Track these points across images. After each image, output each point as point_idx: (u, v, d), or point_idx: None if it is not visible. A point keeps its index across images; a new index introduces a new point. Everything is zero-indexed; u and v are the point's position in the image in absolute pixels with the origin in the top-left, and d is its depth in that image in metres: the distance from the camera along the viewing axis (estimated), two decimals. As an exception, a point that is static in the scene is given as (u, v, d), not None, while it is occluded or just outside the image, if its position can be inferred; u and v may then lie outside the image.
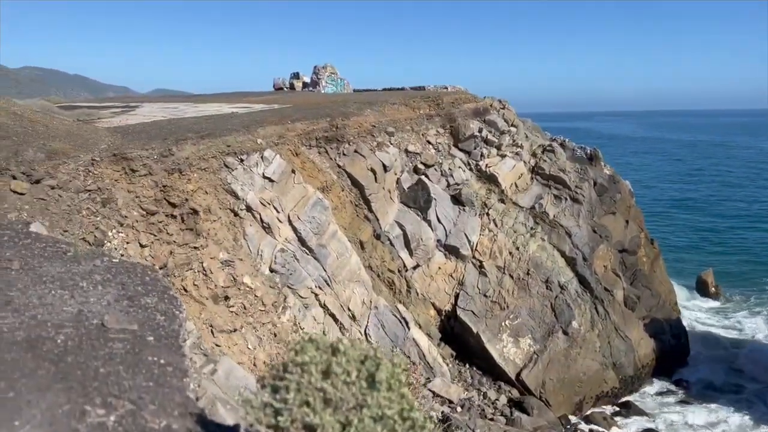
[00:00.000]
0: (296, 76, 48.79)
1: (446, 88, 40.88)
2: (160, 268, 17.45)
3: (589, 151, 34.96)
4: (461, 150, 29.33)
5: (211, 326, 17.92)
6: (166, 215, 18.02)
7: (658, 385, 29.92)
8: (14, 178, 15.03)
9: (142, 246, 17.27)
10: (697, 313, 38.96)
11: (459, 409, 22.62)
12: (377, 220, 24.28)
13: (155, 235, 17.60)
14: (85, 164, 16.58)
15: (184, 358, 3.90)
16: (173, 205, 18.14)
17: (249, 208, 19.90)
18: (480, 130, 29.95)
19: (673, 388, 29.84)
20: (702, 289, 43.70)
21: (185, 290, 17.96)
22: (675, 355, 32.21)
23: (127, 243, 16.90)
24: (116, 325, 4.10)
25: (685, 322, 34.93)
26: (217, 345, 17.76)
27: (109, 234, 16.43)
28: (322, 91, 45.59)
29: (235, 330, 18.30)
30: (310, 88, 46.95)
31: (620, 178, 34.81)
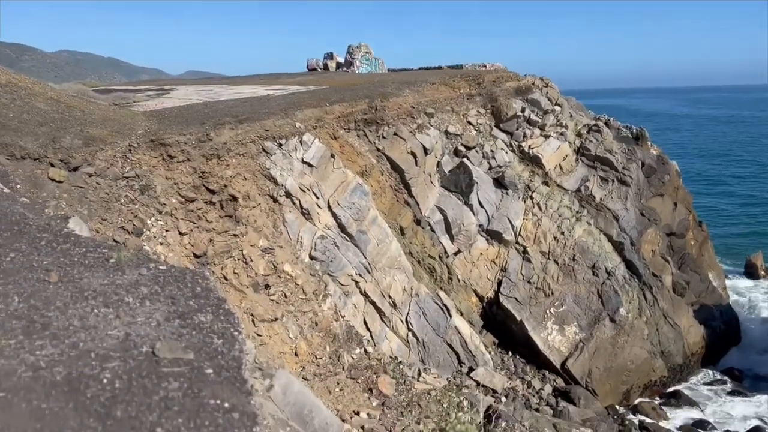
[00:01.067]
0: (330, 56, 48.00)
1: (485, 66, 39.70)
2: (200, 257, 17.09)
3: (635, 131, 33.56)
4: (503, 131, 28.31)
5: (251, 315, 17.52)
6: (205, 202, 17.60)
7: (707, 374, 28.80)
8: (52, 165, 14.72)
9: (181, 234, 16.91)
10: (747, 298, 37.39)
11: (503, 399, 21.98)
12: (417, 205, 23.55)
13: (194, 223, 17.21)
14: (123, 151, 16.20)
15: (251, 397, 3.26)
16: (212, 192, 17.71)
17: (288, 194, 19.37)
18: (523, 110, 28.86)
19: (723, 377, 28.67)
20: (751, 272, 42.03)
21: (225, 279, 17.58)
22: (725, 343, 31.00)
23: (166, 231, 16.54)
24: (169, 354, 3.49)
25: (735, 308, 33.58)
26: (258, 335, 17.36)
27: (148, 222, 16.08)
28: (357, 71, 44.76)
29: (276, 319, 17.88)
30: (345, 69, 46.13)
31: (668, 158, 33.38)
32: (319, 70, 47.51)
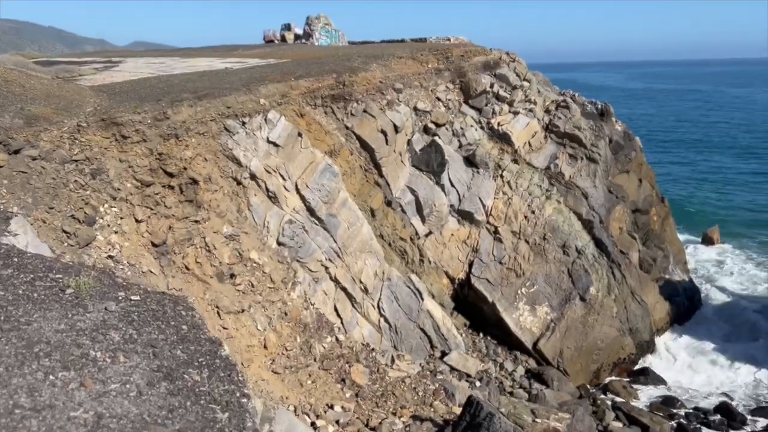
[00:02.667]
0: (287, 27, 46.08)
1: (449, 39, 38.64)
2: (159, 245, 15.80)
3: (600, 106, 33.30)
4: (472, 107, 27.48)
5: (216, 307, 16.40)
6: (163, 186, 16.25)
7: (671, 346, 29.01)
8: (-11, 148, 13.15)
9: (137, 221, 15.57)
10: (704, 270, 38.06)
11: (477, 383, 21.53)
12: (388, 185, 22.60)
13: (152, 209, 15.87)
14: (71, 131, 14.67)
15: None
16: (170, 175, 16.35)
17: (253, 176, 18.14)
18: (491, 86, 28.07)
19: (687, 349, 28.92)
20: (707, 245, 42.88)
21: (187, 268, 16.36)
22: (687, 315, 31.41)
23: (121, 219, 15.18)
24: (161, 448, 2.49)
25: (696, 280, 34.18)
26: (224, 328, 16.27)
27: (101, 209, 14.69)
28: (316, 44, 43.09)
29: (243, 310, 16.80)
30: (303, 41, 44.37)
31: (633, 134, 33.29)
32: (276, 42, 45.60)
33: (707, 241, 42.95)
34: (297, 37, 45.48)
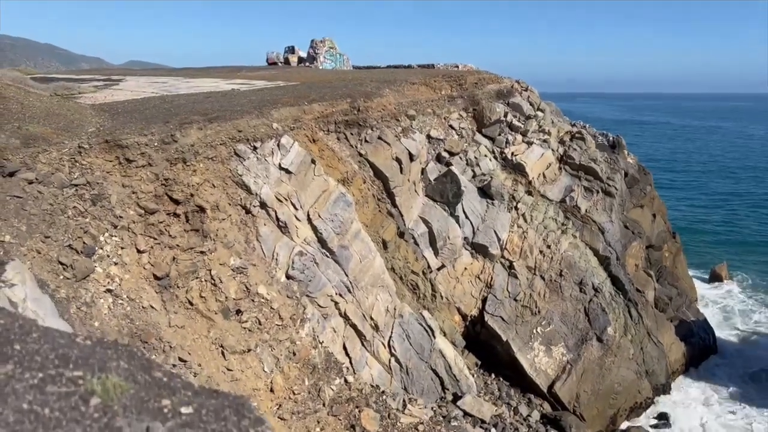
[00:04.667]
0: (291, 50, 45.36)
1: (457, 66, 38.00)
2: (161, 278, 14.55)
3: (612, 139, 32.50)
4: (485, 136, 26.56)
5: (221, 347, 15.11)
6: (168, 214, 15.06)
7: (688, 389, 27.80)
8: (-19, 170, 11.97)
9: (139, 252, 14.35)
10: (716, 309, 36.98)
11: (493, 429, 20.22)
12: (401, 216, 21.49)
13: (155, 239, 14.66)
14: (71, 153, 13.53)
15: None
16: (176, 202, 15.18)
17: (263, 205, 16.98)
18: (505, 115, 27.20)
19: (705, 393, 27.72)
20: (716, 282, 41.87)
21: (191, 303, 15.10)
22: (703, 357, 30.24)
23: (122, 249, 13.96)
24: None
25: (710, 320, 33.08)
26: (228, 369, 14.98)
27: (101, 239, 13.47)
28: (320, 67, 42.34)
29: (249, 350, 15.51)
30: (307, 64, 43.62)
31: (647, 168, 32.51)
32: (279, 64, 44.82)
33: (715, 278, 41.94)
34: (301, 60, 44.75)
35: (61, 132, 14.06)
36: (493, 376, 23.68)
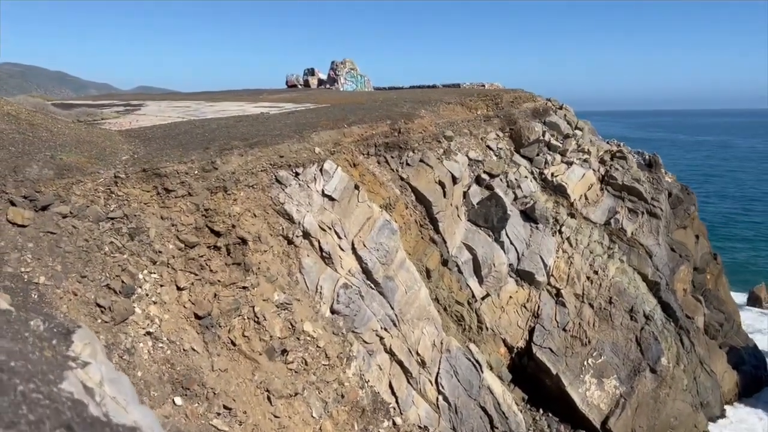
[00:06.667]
0: (311, 72, 44.56)
1: (483, 85, 37.04)
2: (203, 318, 13.35)
3: (648, 157, 31.28)
4: (523, 156, 25.41)
5: (267, 391, 13.84)
6: (209, 247, 13.91)
7: (745, 422, 26.15)
8: (12, 204, 10.89)
9: (179, 289, 13.17)
10: (761, 334, 35.33)
11: (548, 472, 18.76)
12: (444, 242, 20.28)
13: (196, 274, 13.49)
14: (107, 183, 12.44)
15: None
16: (217, 234, 14.04)
17: (306, 234, 15.80)
18: (543, 134, 26.06)
19: (762, 424, 26.08)
20: (755, 304, 40.25)
21: (233, 344, 13.87)
22: (756, 386, 28.64)
23: (161, 286, 12.80)
24: None
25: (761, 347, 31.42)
26: (275, 416, 13.69)
27: (140, 276, 12.31)
28: (341, 89, 41.47)
29: (296, 393, 14.22)
30: (327, 86, 42.77)
31: (690, 188, 31.20)
32: (299, 86, 44.00)
33: (754, 299, 40.36)
34: (321, 81, 43.92)
35: (95, 161, 13.00)
36: (541, 411, 22.26)
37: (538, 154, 25.70)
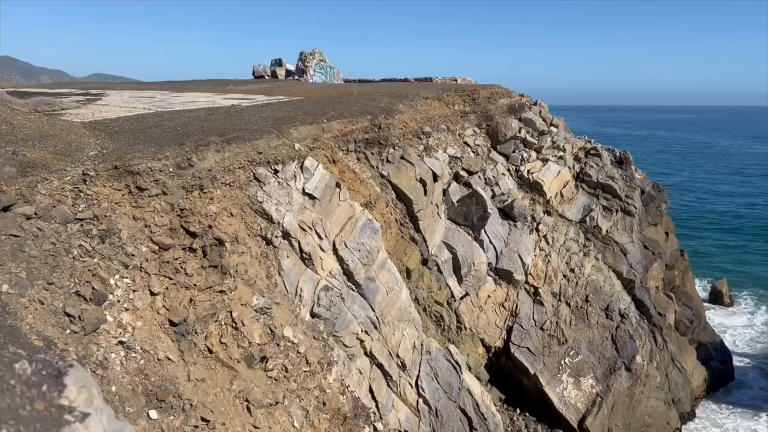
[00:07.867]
0: (279, 63, 43.45)
1: (456, 80, 36.67)
2: (178, 324, 12.56)
3: (618, 154, 31.39)
4: (500, 153, 25.11)
5: (246, 401, 13.15)
6: (184, 249, 13.10)
7: (714, 417, 26.52)
8: (-30, 205, 9.91)
9: (153, 294, 12.35)
10: (726, 329, 36.02)
11: (528, 474, 18.55)
12: (424, 241, 19.80)
13: (170, 278, 12.68)
14: (74, 181, 11.51)
15: None
16: (192, 235, 13.24)
17: (286, 235, 15.10)
18: (519, 130, 25.80)
19: (730, 419, 26.47)
20: (715, 299, 41.02)
21: (210, 351, 13.12)
22: (722, 381, 29.10)
23: (134, 291, 11.96)
24: None
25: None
26: (255, 427, 13.01)
27: (111, 282, 11.45)
28: (310, 81, 40.55)
29: (276, 403, 13.57)
30: (296, 77, 41.78)
31: (662, 185, 31.46)
32: (267, 77, 42.87)
33: (716, 295, 41.12)
34: (289, 73, 42.89)
35: (61, 157, 12.04)
36: (518, 411, 22.10)
37: (514, 151, 25.43)
